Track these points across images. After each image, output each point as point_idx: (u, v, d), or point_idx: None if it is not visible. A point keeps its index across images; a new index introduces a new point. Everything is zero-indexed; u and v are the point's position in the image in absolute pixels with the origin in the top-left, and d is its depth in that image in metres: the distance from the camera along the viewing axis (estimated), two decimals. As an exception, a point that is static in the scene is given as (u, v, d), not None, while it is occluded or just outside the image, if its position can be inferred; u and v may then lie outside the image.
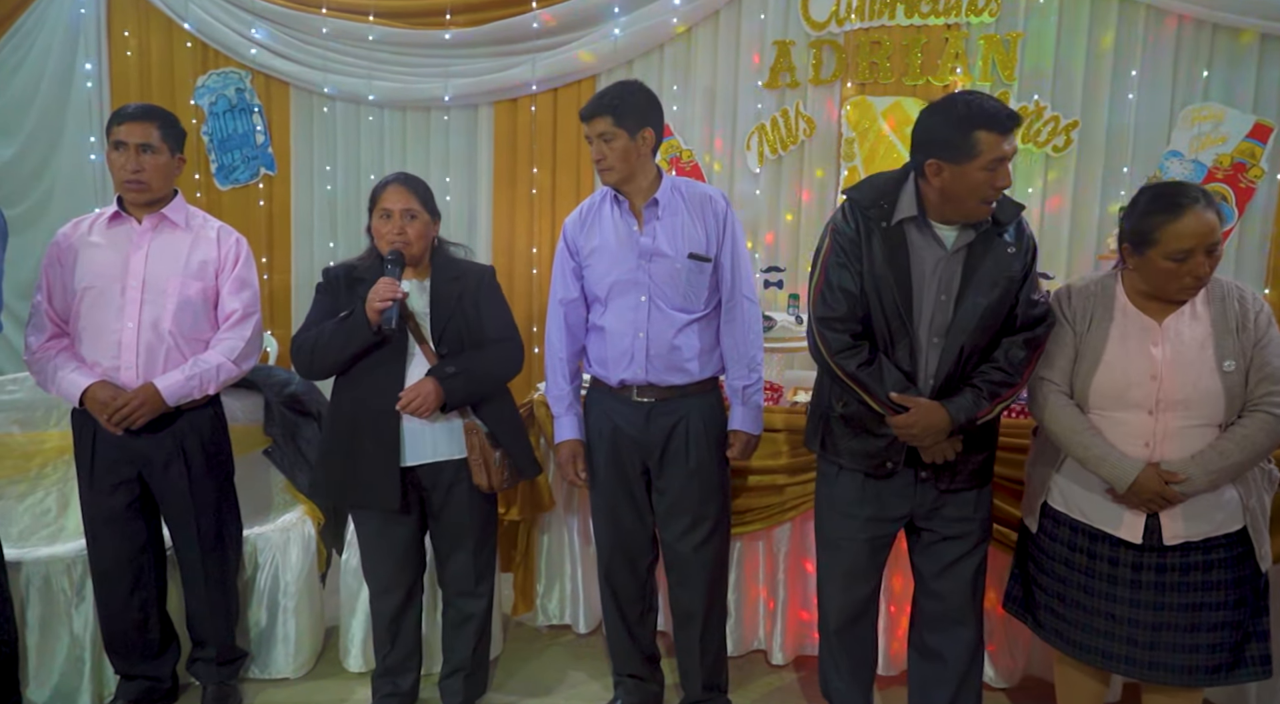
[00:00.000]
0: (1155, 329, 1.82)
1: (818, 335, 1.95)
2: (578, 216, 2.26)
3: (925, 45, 3.31)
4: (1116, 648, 1.88)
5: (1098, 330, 1.87)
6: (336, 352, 2.10)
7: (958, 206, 1.83)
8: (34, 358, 2.18)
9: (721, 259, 2.17)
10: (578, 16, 3.61)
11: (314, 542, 2.64)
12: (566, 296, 2.25)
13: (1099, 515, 1.88)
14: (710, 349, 2.21)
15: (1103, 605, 1.88)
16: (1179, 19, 3.14)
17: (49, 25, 4.03)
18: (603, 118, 2.08)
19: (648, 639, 2.39)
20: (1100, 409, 1.86)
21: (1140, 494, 1.79)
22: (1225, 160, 3.14)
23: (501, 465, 2.19)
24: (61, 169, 4.12)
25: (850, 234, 1.91)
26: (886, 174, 1.97)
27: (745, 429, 2.21)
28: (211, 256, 2.26)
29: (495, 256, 3.85)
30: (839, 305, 1.91)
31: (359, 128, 3.98)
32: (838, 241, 1.93)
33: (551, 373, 2.28)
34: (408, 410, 2.09)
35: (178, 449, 2.21)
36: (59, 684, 2.34)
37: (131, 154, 2.15)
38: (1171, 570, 1.83)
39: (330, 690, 2.55)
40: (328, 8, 3.81)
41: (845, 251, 1.91)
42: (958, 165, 1.77)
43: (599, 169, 2.14)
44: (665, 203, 2.15)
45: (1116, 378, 1.82)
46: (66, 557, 2.34)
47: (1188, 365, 1.78)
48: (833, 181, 3.50)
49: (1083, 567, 1.91)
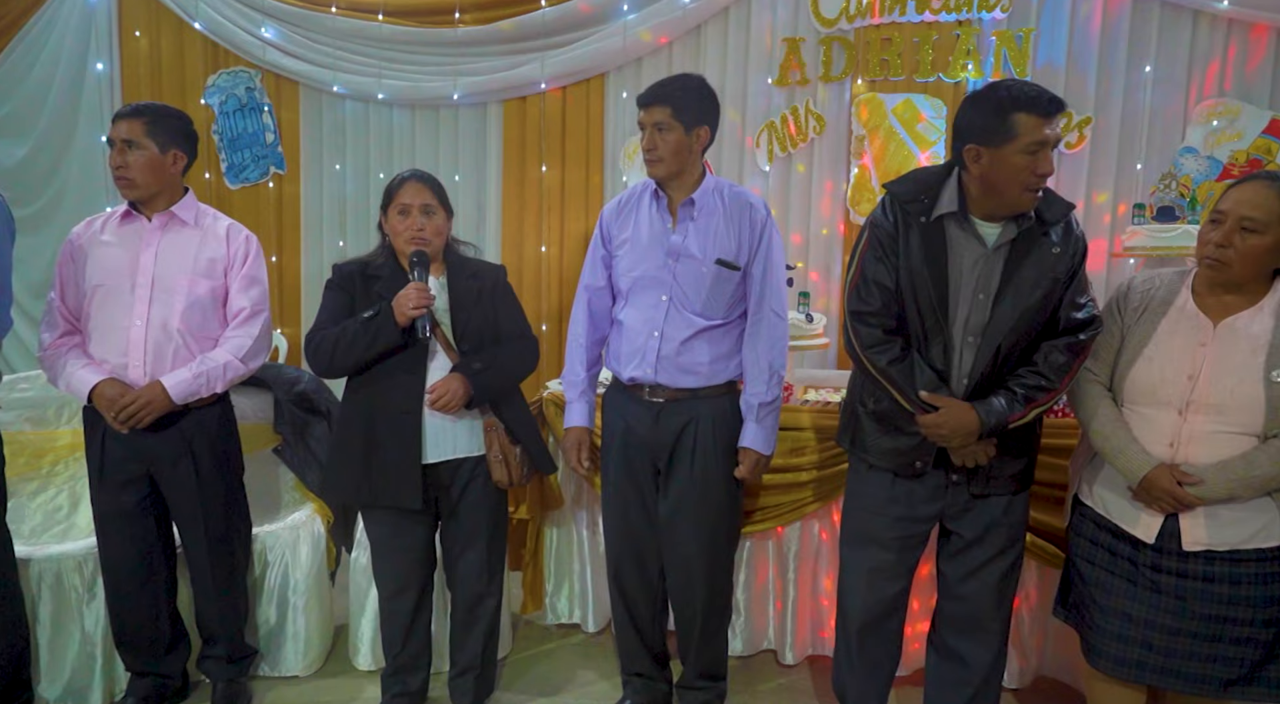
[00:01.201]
0: (1208, 328, 1.76)
1: (850, 329, 1.92)
2: (616, 205, 2.24)
3: (937, 42, 3.29)
4: (1131, 652, 1.82)
5: (1146, 323, 1.82)
6: (361, 352, 2.08)
7: (999, 197, 1.78)
8: (46, 354, 2.20)
9: (753, 269, 2.13)
10: (587, 14, 3.60)
11: (323, 540, 2.64)
12: (593, 283, 2.24)
13: (1118, 511, 1.84)
14: (727, 355, 2.17)
15: (1120, 604, 1.83)
16: (1194, 13, 3.11)
17: (60, 26, 4.06)
18: (661, 107, 2.05)
19: (657, 639, 2.37)
20: (1132, 403, 1.83)
21: (1150, 491, 1.75)
22: (1241, 156, 3.10)
23: (521, 461, 2.20)
24: (73, 169, 4.15)
25: (888, 228, 1.87)
26: (929, 169, 1.94)
27: (756, 448, 2.15)
28: (220, 254, 2.26)
29: (504, 255, 3.85)
30: (873, 300, 1.88)
31: (368, 126, 3.99)
32: (875, 235, 1.89)
33: (570, 358, 2.28)
34: (436, 406, 2.08)
35: (186, 447, 2.21)
36: (70, 681, 2.35)
37: (117, 150, 2.16)
38: (1193, 577, 1.76)
39: (340, 689, 2.55)
40: (337, 7, 3.82)
41: (882, 245, 1.87)
42: (996, 149, 1.73)
43: (647, 159, 2.09)
44: (702, 204, 2.12)
45: (1152, 373, 1.78)
46: (78, 554, 2.35)
47: (1232, 369, 1.71)
48: (842, 179, 3.48)
49: (1104, 563, 1.87)
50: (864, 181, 3.42)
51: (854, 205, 3.45)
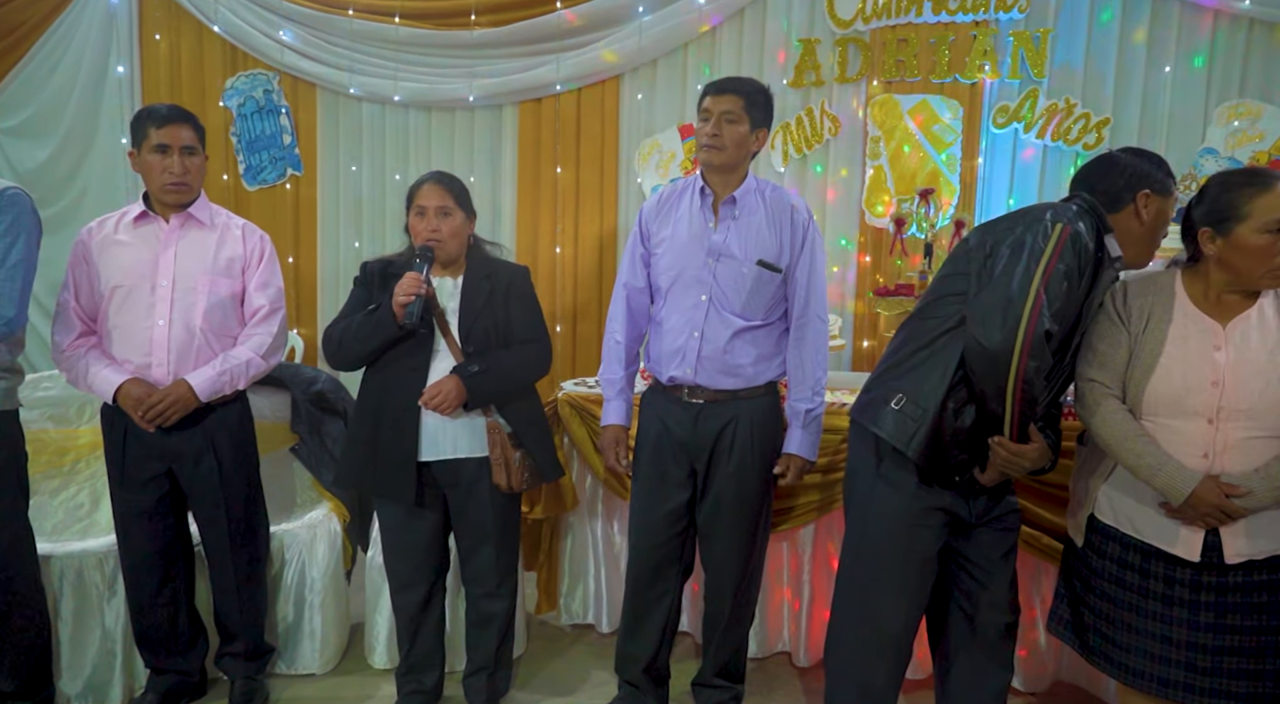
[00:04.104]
0: (1218, 332, 1.69)
1: (1027, 347, 1.64)
2: (655, 202, 2.23)
3: (953, 42, 3.28)
4: (1174, 674, 1.72)
5: (1155, 331, 1.72)
6: (361, 343, 2.12)
7: (1140, 249, 1.82)
8: (63, 356, 2.21)
9: (796, 273, 2.12)
10: (602, 16, 3.61)
11: (340, 538, 2.66)
12: (632, 283, 2.24)
13: (1152, 531, 1.73)
14: (769, 356, 2.15)
15: (1158, 628, 1.73)
16: (1214, 14, 3.08)
17: (83, 30, 4.11)
18: (735, 97, 2.05)
19: (661, 650, 2.30)
20: (1155, 416, 1.71)
21: (1198, 508, 1.64)
22: (1262, 158, 3.07)
23: (522, 466, 2.18)
24: (94, 170, 4.20)
25: (1091, 249, 1.71)
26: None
27: (802, 454, 2.15)
28: (238, 253, 2.28)
29: (519, 256, 3.86)
30: (1058, 321, 1.68)
31: (385, 128, 4.02)
32: (1076, 249, 1.69)
33: (607, 356, 2.27)
34: (429, 407, 2.10)
35: (208, 444, 2.23)
36: (91, 677, 2.37)
37: (176, 157, 2.17)
38: (1234, 591, 1.68)
39: (356, 686, 2.57)
40: (354, 9, 3.85)
41: (1079, 266, 1.69)
42: (1162, 198, 1.78)
43: (709, 146, 2.06)
44: (744, 203, 2.11)
45: (1175, 383, 1.68)
46: (99, 551, 2.37)
47: (1255, 372, 1.65)
48: (858, 181, 3.47)
49: (1135, 586, 1.75)
50: (879, 183, 3.42)
51: (869, 207, 3.44)
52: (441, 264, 2.18)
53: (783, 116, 3.48)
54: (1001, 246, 1.73)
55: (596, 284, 3.83)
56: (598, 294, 3.82)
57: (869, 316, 3.49)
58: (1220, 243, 1.67)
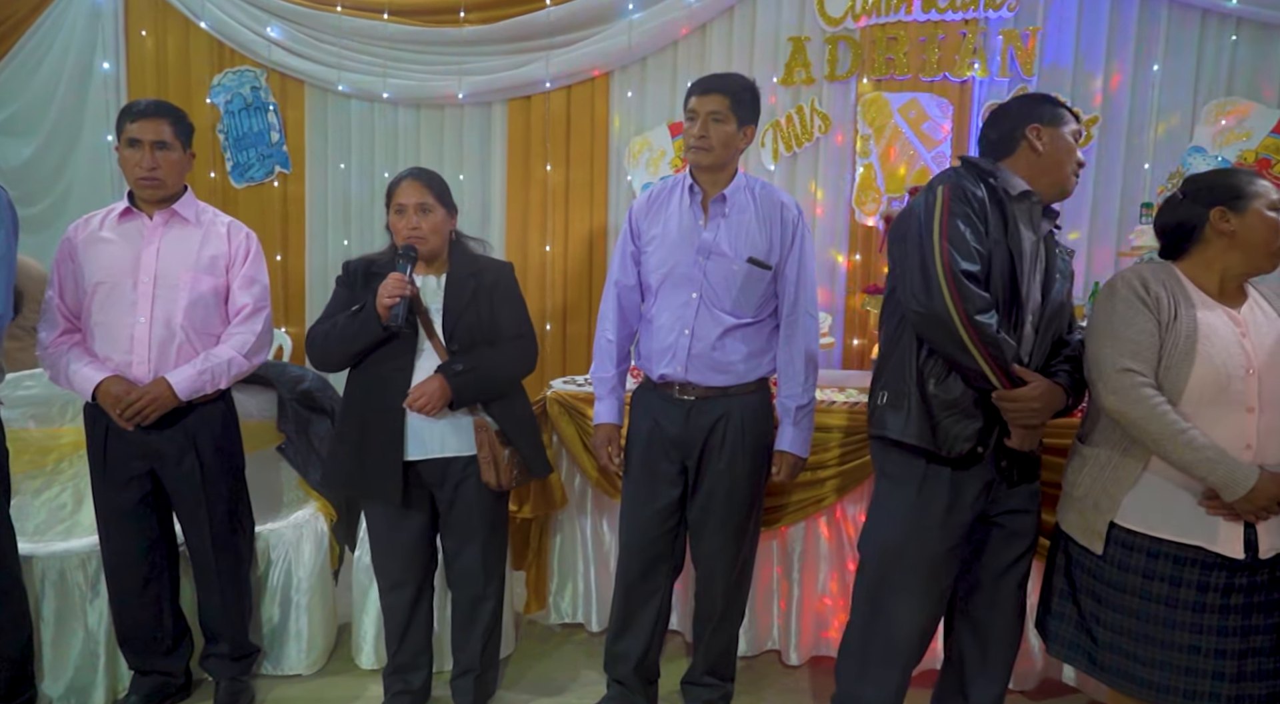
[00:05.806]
0: (1240, 320, 1.68)
1: (956, 291, 1.68)
2: (645, 200, 2.22)
3: (943, 41, 3.28)
4: (1201, 685, 1.66)
5: (1186, 320, 1.67)
6: (346, 345, 2.11)
7: (1052, 177, 1.83)
8: (46, 352, 2.19)
9: (786, 270, 2.12)
10: (591, 14, 3.60)
11: (327, 538, 2.64)
12: (622, 281, 2.23)
13: (1190, 528, 1.66)
14: (760, 353, 2.15)
15: (1186, 638, 1.67)
16: (1202, 13, 3.09)
17: (68, 26, 4.07)
18: (720, 97, 2.05)
19: (650, 650, 2.30)
20: (1197, 405, 1.65)
21: (1256, 502, 1.58)
22: (1250, 156, 3.09)
23: (510, 464, 2.17)
24: (79, 168, 4.16)
25: (980, 194, 1.77)
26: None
27: (794, 451, 2.15)
28: (222, 251, 2.26)
29: (508, 254, 3.85)
30: (976, 260, 1.71)
31: (373, 126, 4.00)
32: (965, 197, 1.76)
33: (598, 354, 2.27)
34: (414, 408, 2.08)
35: (190, 444, 2.21)
36: (74, 679, 2.35)
37: (147, 151, 2.15)
38: (1260, 589, 1.65)
39: (343, 687, 2.55)
40: (343, 6, 3.83)
41: (973, 210, 1.75)
42: (1054, 128, 1.82)
43: (696, 147, 2.07)
44: (734, 201, 2.11)
45: (1218, 371, 1.63)
46: (81, 551, 2.35)
47: (1278, 360, 1.64)
48: (848, 178, 3.47)
49: (1163, 596, 1.68)
50: (869, 181, 3.41)
51: (859, 205, 3.44)
52: (424, 261, 2.16)
53: (773, 115, 3.48)
54: (908, 227, 1.83)
55: (586, 282, 3.82)
56: (588, 292, 3.81)
57: (859, 314, 3.49)
58: (1236, 220, 1.69)
